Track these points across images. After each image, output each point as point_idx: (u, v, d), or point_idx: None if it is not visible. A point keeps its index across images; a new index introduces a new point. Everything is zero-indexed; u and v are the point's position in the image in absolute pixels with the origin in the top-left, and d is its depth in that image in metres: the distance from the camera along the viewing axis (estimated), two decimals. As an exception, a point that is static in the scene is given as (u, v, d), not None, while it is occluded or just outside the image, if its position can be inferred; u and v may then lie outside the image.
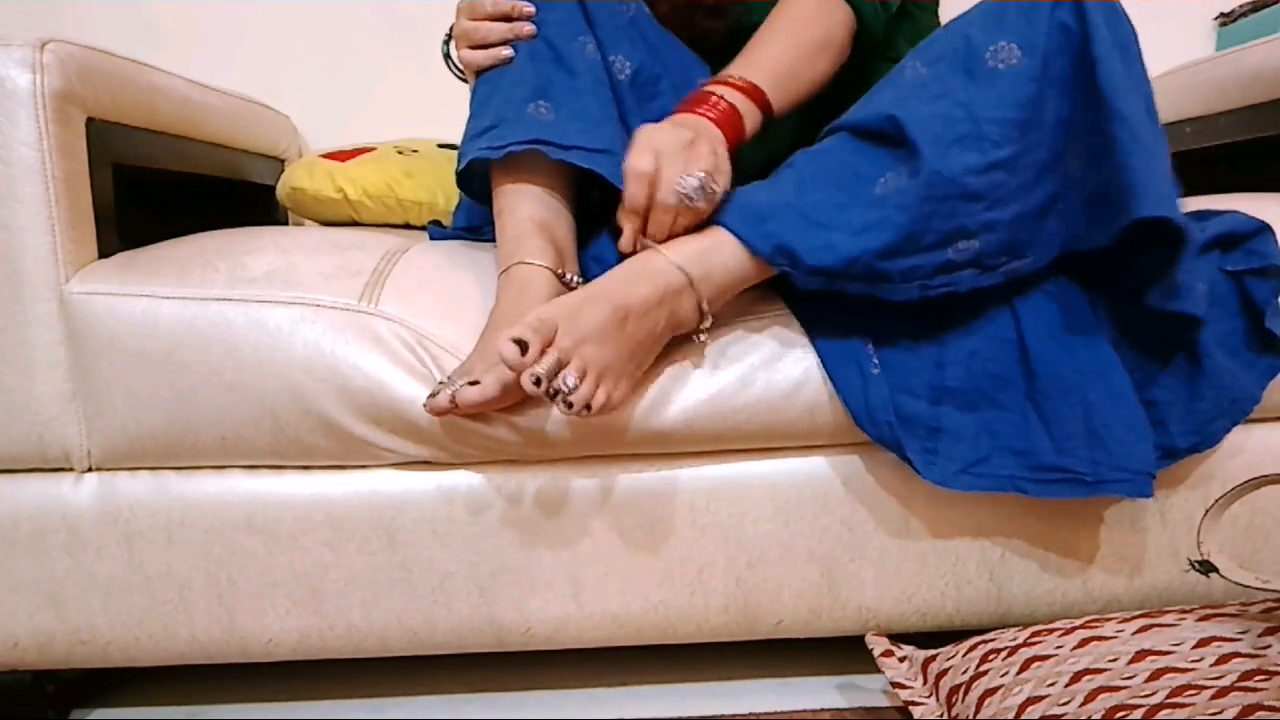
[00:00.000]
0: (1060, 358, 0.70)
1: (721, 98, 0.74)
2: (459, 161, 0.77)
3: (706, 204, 0.68)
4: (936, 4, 0.95)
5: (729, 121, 0.73)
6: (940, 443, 0.71)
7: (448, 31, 0.81)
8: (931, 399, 0.71)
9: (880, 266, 0.66)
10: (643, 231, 0.70)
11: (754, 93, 0.75)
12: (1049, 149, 0.66)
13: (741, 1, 0.92)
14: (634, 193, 0.68)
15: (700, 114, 0.73)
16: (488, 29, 0.76)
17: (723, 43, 0.92)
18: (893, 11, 0.85)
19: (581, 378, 0.63)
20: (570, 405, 0.63)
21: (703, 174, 0.67)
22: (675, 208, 0.68)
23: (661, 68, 0.82)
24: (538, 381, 0.61)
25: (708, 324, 0.71)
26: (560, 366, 0.62)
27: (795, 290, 0.72)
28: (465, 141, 0.76)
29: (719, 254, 0.68)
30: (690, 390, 0.72)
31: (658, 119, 0.82)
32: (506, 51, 0.76)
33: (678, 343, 0.73)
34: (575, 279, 0.73)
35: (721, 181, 0.69)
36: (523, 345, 0.61)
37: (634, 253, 0.71)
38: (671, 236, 0.70)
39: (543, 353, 0.62)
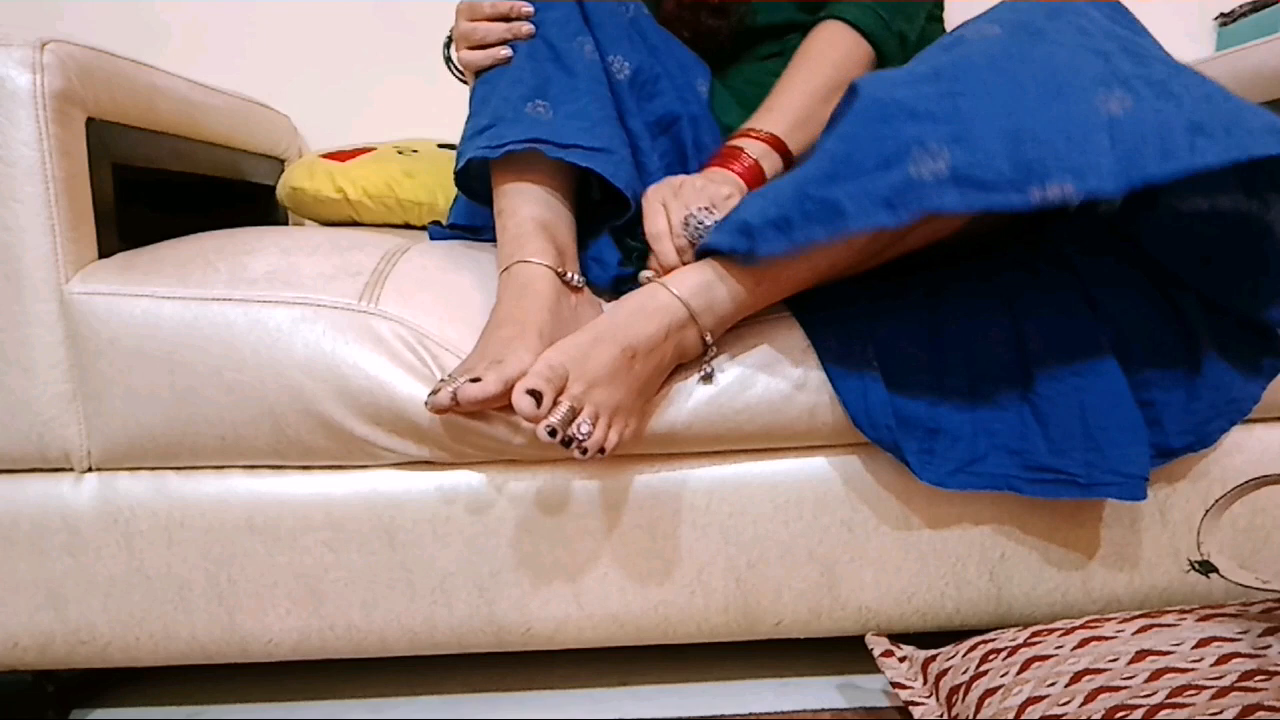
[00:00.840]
0: (1058, 358, 0.70)
1: (747, 153, 0.78)
2: (457, 161, 0.77)
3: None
4: (941, 11, 0.95)
5: (754, 176, 0.77)
6: (938, 443, 0.71)
7: (449, 33, 0.81)
8: (930, 400, 0.71)
9: (823, 195, 0.61)
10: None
11: (775, 143, 0.79)
12: (1068, 69, 0.60)
13: (746, 1, 0.92)
14: (654, 225, 0.73)
15: (731, 169, 0.77)
16: (486, 29, 0.76)
17: (726, 41, 0.92)
18: (912, 44, 0.85)
19: (594, 421, 0.64)
20: (585, 451, 0.63)
21: (717, 216, 0.70)
22: (688, 243, 0.71)
23: (661, 68, 0.83)
24: (553, 433, 0.62)
25: (713, 354, 0.71)
26: (574, 415, 0.63)
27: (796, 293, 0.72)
28: (464, 141, 0.77)
29: (721, 287, 0.69)
30: (690, 392, 0.72)
31: (658, 119, 0.82)
32: (505, 51, 0.76)
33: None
34: (576, 278, 0.74)
35: (726, 198, 0.72)
36: (537, 396, 0.62)
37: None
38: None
39: (556, 402, 0.63)
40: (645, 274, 0.71)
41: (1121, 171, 0.57)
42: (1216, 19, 1.47)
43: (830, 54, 0.83)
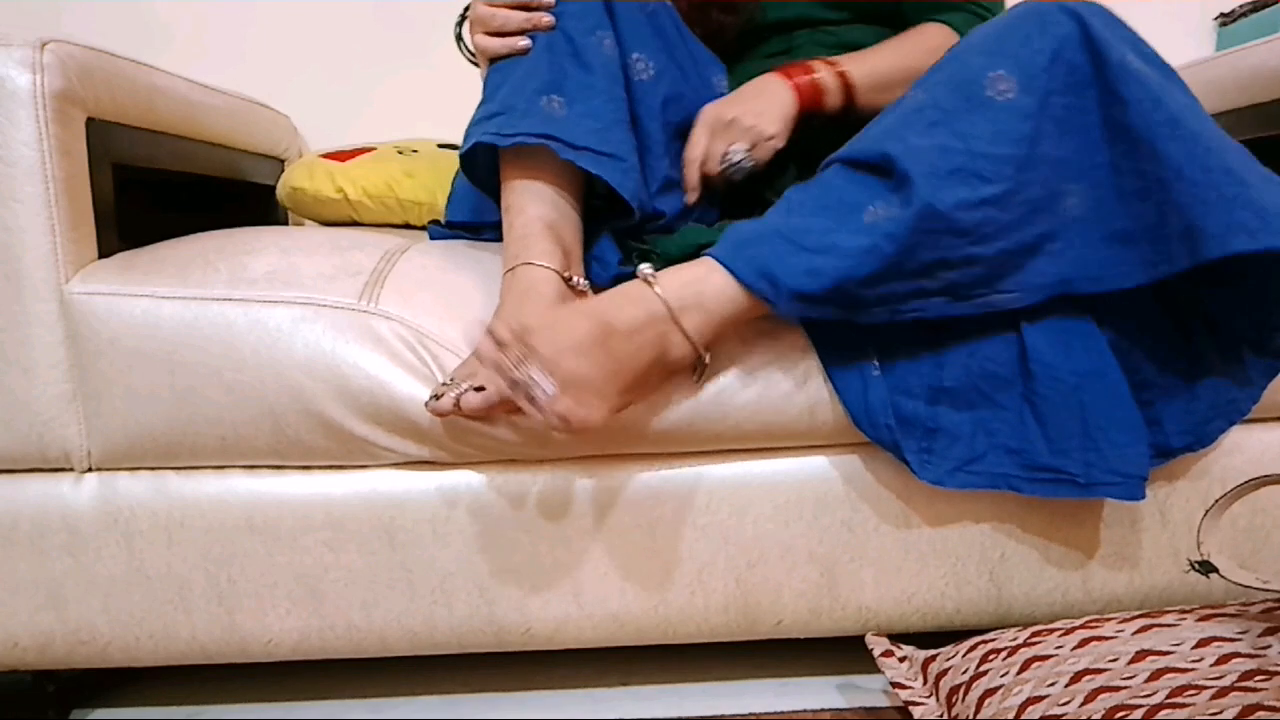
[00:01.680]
0: (1058, 358, 0.70)
1: (815, 72, 0.83)
2: (464, 142, 0.75)
3: (745, 172, 0.80)
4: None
5: (810, 95, 0.82)
6: (936, 442, 0.71)
7: (462, 12, 0.80)
8: (929, 399, 0.71)
9: (860, 293, 0.66)
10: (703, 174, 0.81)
11: (844, 81, 0.83)
12: (1042, 187, 0.65)
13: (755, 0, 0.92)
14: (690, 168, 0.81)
15: (790, 79, 0.82)
16: (505, 16, 0.75)
17: (734, 39, 0.92)
18: None
19: (557, 388, 0.62)
20: (538, 407, 0.61)
21: (746, 150, 0.78)
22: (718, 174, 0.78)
23: (679, 67, 0.82)
24: (510, 377, 0.61)
25: (705, 360, 0.70)
26: (534, 369, 0.62)
27: None
28: (472, 124, 0.75)
29: (708, 283, 0.67)
30: (691, 389, 0.72)
31: (677, 125, 0.83)
32: (523, 42, 0.75)
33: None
34: (580, 282, 0.73)
35: (765, 147, 0.80)
36: (500, 344, 0.61)
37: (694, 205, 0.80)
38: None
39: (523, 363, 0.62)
40: (643, 268, 0.70)
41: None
42: (1216, 19, 1.47)
43: (928, 44, 0.86)
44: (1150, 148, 0.62)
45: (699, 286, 0.67)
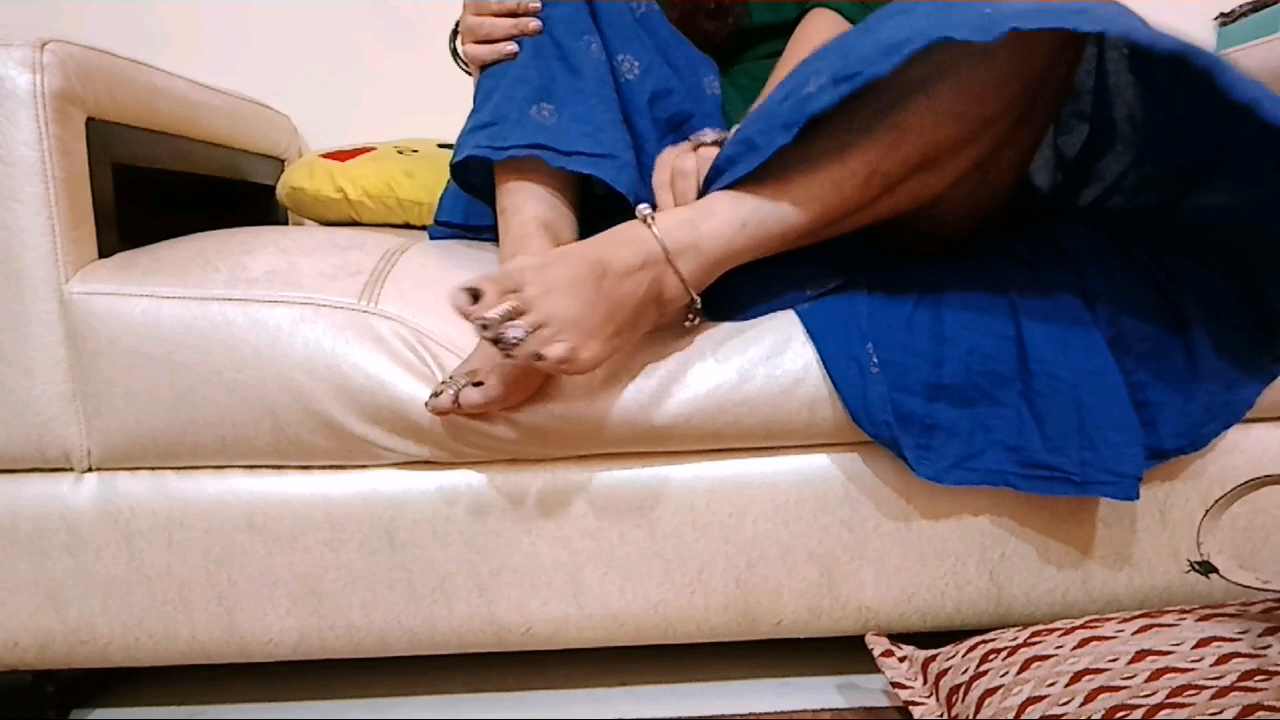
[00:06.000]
0: (1057, 357, 0.70)
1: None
2: (456, 153, 0.76)
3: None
4: None
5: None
6: (935, 439, 0.71)
7: (455, 24, 0.81)
8: (928, 396, 0.71)
9: (742, 137, 0.67)
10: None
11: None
12: None
13: (742, 2, 0.92)
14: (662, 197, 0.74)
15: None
16: (492, 24, 0.76)
17: (723, 44, 0.93)
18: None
19: (537, 328, 0.60)
20: (512, 355, 0.59)
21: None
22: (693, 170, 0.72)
23: (670, 66, 0.83)
24: (485, 327, 0.59)
25: (698, 303, 0.69)
26: (515, 315, 0.59)
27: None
28: (464, 133, 0.76)
29: (709, 221, 0.67)
30: (689, 384, 0.72)
31: (668, 119, 0.83)
32: (511, 47, 0.76)
33: (675, 335, 0.73)
34: None
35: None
36: (475, 294, 0.59)
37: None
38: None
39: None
40: (641, 207, 0.69)
41: (982, 26, 0.59)
42: (1216, 19, 1.47)
43: (819, 38, 0.83)
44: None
45: (698, 224, 0.67)
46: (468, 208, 0.90)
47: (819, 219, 0.68)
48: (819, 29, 0.85)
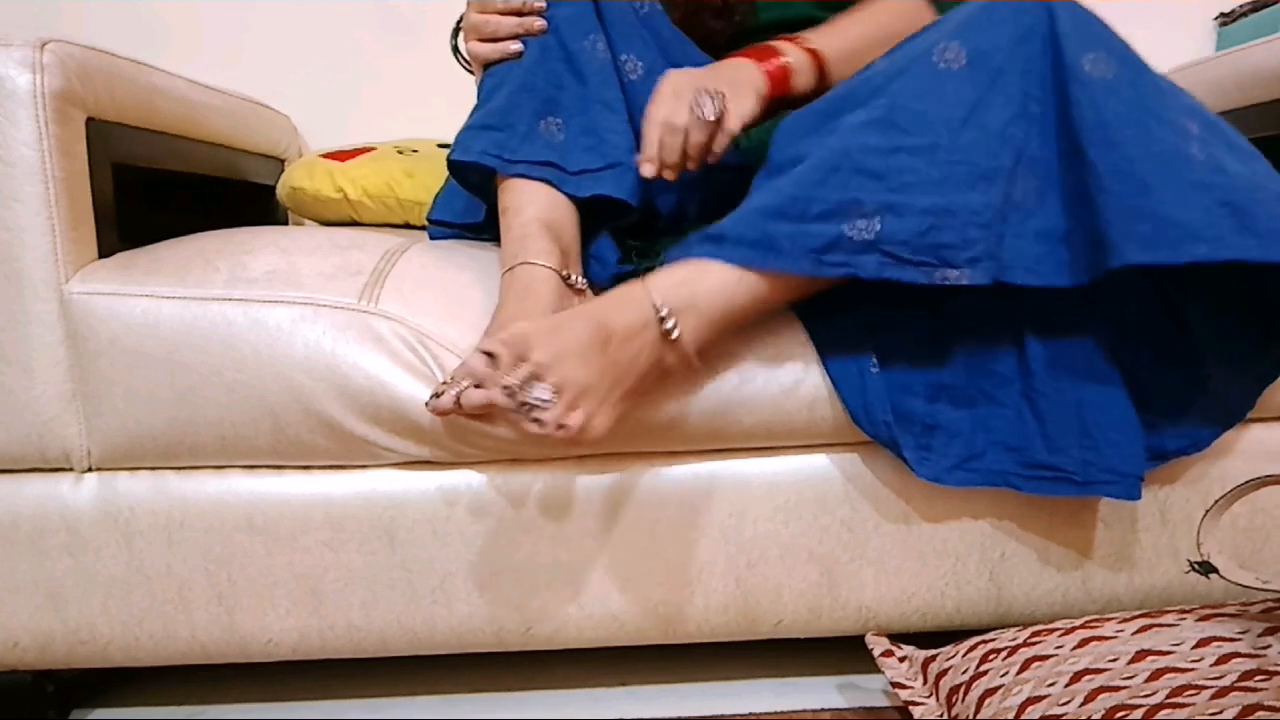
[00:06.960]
0: (1058, 358, 0.70)
1: (781, 54, 0.78)
2: (456, 150, 0.76)
3: (714, 117, 0.71)
4: None
5: (780, 79, 0.77)
6: (935, 439, 0.71)
7: (456, 22, 0.81)
8: (929, 396, 0.71)
9: (767, 229, 0.65)
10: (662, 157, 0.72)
11: (815, 58, 0.79)
12: (989, 156, 0.64)
13: (748, 1, 0.92)
14: (648, 139, 0.72)
15: (758, 63, 0.77)
16: (497, 23, 0.76)
17: (726, 45, 0.92)
18: None
19: (557, 394, 0.59)
20: (540, 422, 0.59)
21: (719, 95, 0.71)
22: (685, 125, 0.70)
23: (673, 67, 0.82)
24: (510, 394, 0.59)
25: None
26: (534, 380, 0.59)
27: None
28: (467, 131, 0.76)
29: (704, 281, 0.66)
30: (690, 384, 0.72)
31: None
32: (515, 46, 0.75)
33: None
34: (579, 280, 0.73)
35: (736, 108, 0.72)
36: (493, 359, 0.60)
37: (656, 177, 0.72)
38: (686, 159, 0.72)
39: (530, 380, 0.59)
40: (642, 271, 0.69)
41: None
42: (1216, 19, 1.47)
43: (895, 7, 0.85)
44: (1083, 153, 0.63)
45: (694, 285, 0.66)
46: (466, 204, 0.90)
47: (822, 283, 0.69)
48: (906, 5, 0.86)
